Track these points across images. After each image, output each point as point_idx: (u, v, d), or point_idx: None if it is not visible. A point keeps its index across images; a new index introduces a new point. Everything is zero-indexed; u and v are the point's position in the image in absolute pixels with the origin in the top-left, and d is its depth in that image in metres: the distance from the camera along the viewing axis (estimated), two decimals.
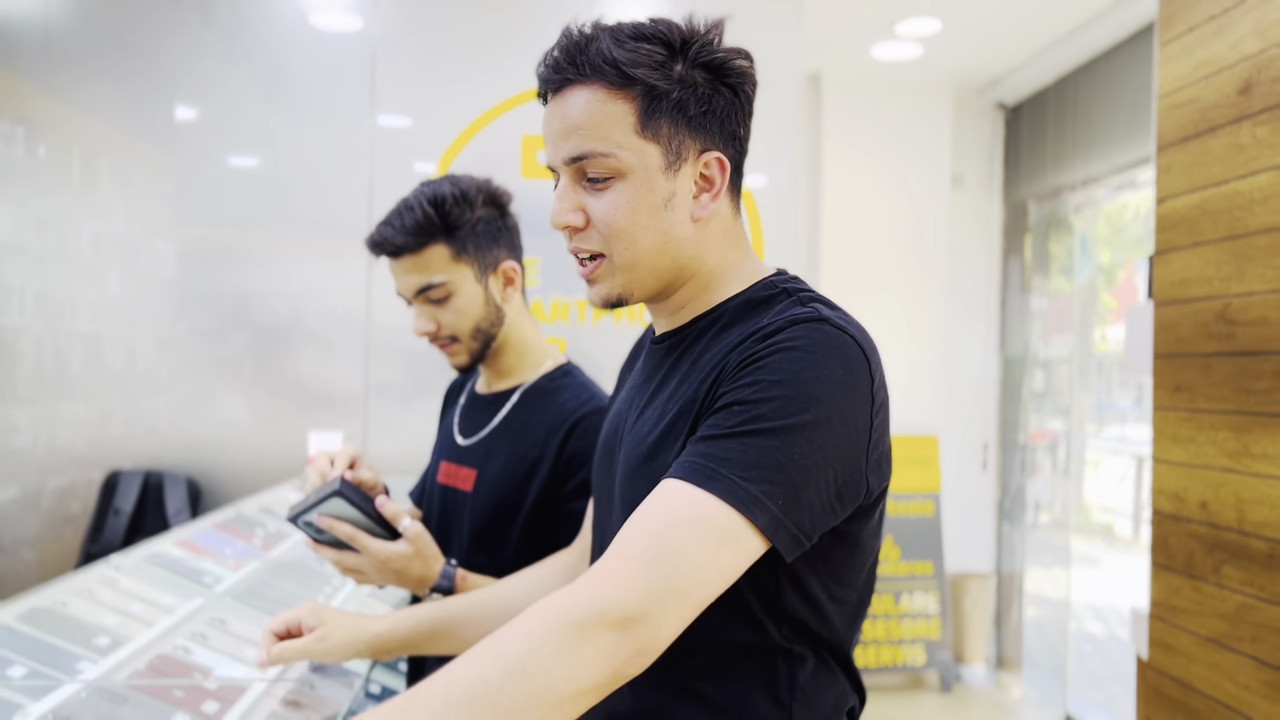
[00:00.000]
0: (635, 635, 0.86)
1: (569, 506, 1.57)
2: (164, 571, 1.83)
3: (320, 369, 3.40)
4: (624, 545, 0.89)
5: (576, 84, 1.05)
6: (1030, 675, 5.20)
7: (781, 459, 0.91)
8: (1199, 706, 2.05)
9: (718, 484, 0.90)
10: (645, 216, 1.04)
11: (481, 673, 0.82)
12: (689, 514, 0.89)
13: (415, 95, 3.40)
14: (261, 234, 3.42)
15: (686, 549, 0.88)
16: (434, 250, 1.60)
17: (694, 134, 1.05)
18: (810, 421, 0.92)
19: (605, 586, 0.86)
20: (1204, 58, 2.04)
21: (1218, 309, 2.00)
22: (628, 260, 1.06)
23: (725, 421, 0.94)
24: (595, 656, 0.84)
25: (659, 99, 1.03)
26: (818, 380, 0.93)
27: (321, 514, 1.41)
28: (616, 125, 1.03)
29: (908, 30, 4.52)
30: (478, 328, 1.65)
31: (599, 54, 1.03)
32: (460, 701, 0.81)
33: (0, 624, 1.40)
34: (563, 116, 1.05)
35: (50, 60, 3.29)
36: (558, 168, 1.08)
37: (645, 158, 1.04)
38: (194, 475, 3.29)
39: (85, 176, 3.36)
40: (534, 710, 0.82)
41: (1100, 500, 5.18)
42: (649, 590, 0.86)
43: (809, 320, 0.98)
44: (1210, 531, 2.02)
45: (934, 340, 5.28)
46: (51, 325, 3.31)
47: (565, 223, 1.07)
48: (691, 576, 0.88)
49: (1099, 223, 4.98)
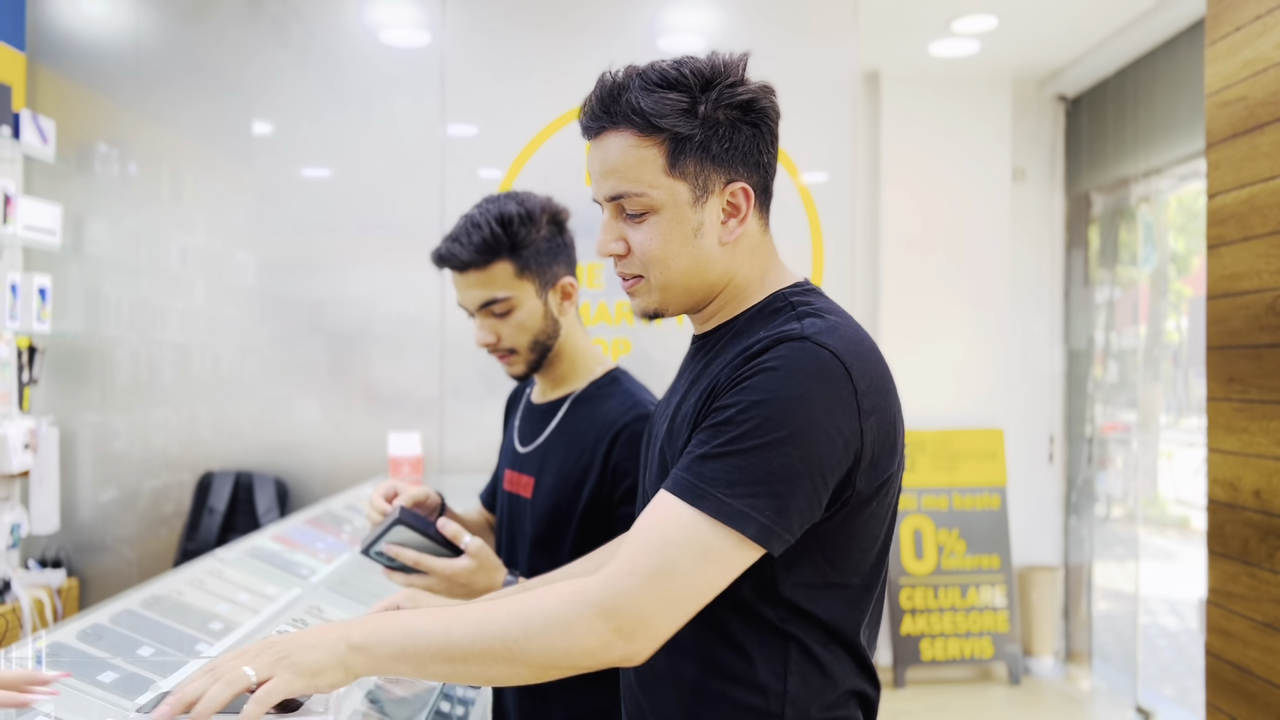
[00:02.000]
0: (633, 636, 1.04)
1: (620, 512, 1.66)
2: (263, 564, 1.98)
3: (395, 372, 3.55)
4: (630, 556, 1.06)
5: (611, 130, 1.18)
6: (1100, 668, 5.19)
7: (763, 474, 1.05)
8: (1255, 689, 2.09)
9: (707, 503, 1.05)
10: (677, 245, 1.18)
11: (505, 623, 1.05)
12: (681, 534, 1.05)
13: (483, 106, 3.54)
14: (336, 242, 3.57)
15: (678, 565, 1.04)
16: (499, 267, 1.69)
17: (718, 169, 1.17)
18: (787, 436, 1.05)
19: (610, 591, 1.04)
20: (1250, 56, 2.08)
21: (1268, 301, 2.04)
22: (663, 282, 1.20)
23: (712, 440, 1.08)
24: (593, 644, 1.03)
25: (684, 142, 1.15)
26: (793, 398, 1.06)
27: (388, 543, 1.52)
28: (647, 168, 1.16)
29: (964, 27, 4.55)
30: (536, 340, 1.75)
31: (628, 104, 1.16)
32: (485, 635, 1.05)
33: (127, 609, 1.55)
34: (601, 159, 1.19)
35: (140, 84, 3.48)
36: (601, 203, 1.22)
37: (675, 194, 1.17)
38: (280, 475, 3.46)
39: (172, 192, 3.55)
40: (534, 665, 1.05)
41: (1175, 493, 5.13)
42: (645, 600, 1.03)
43: (791, 339, 1.10)
44: (1264, 519, 2.06)
45: (998, 334, 5.29)
46: (144, 335, 3.50)
47: (609, 252, 1.22)
48: (683, 590, 1.05)
49: (1171, 210, 4.94)
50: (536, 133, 3.49)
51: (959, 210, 5.24)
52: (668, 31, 3.55)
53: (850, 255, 3.55)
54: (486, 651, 1.04)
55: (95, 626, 1.46)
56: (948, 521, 5.14)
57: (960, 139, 5.24)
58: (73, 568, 3.43)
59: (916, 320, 5.21)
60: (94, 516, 3.48)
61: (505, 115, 3.52)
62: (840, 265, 3.52)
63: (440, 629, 1.05)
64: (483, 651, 1.04)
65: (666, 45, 3.54)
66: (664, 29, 3.55)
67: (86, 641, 1.40)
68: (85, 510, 3.48)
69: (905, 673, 5.05)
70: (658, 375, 3.13)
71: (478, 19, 3.54)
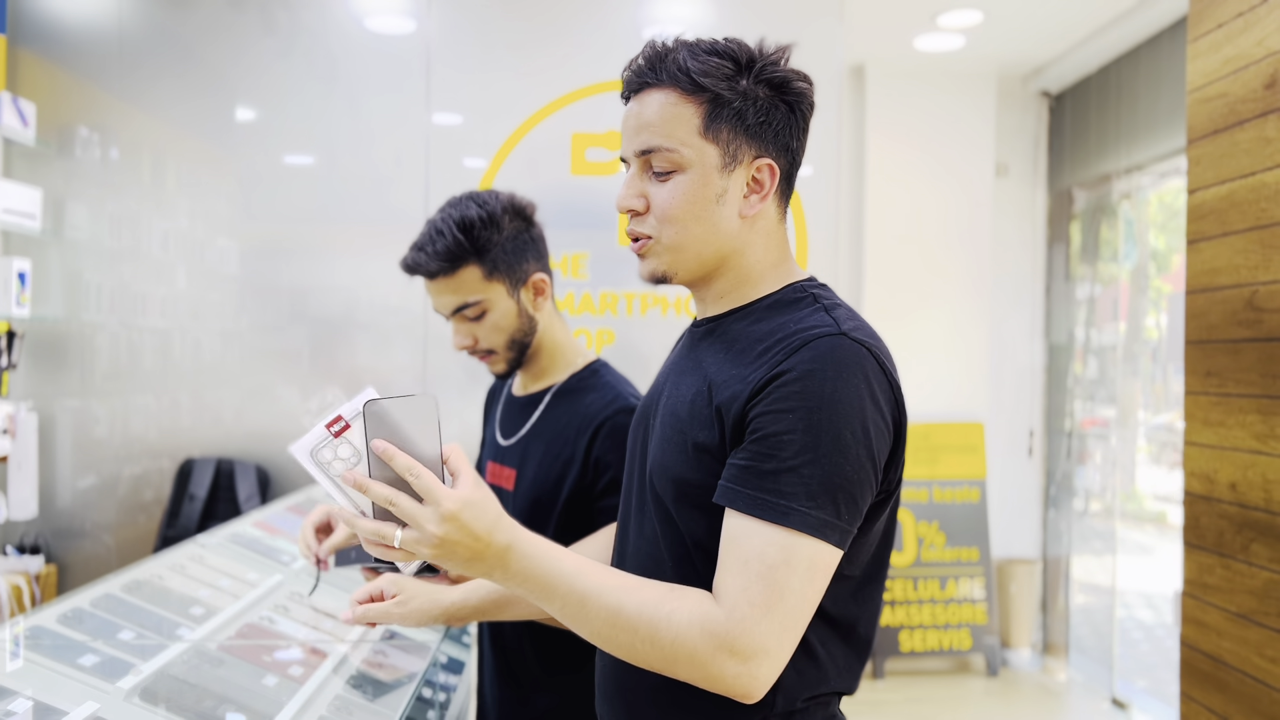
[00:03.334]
0: (759, 669, 1.05)
1: (601, 504, 1.67)
2: (245, 550, 1.97)
3: (378, 361, 3.54)
4: (743, 588, 1.06)
5: (654, 87, 1.20)
6: (1076, 660, 5.24)
7: (838, 480, 1.06)
8: (1228, 679, 2.12)
9: (792, 519, 1.05)
10: (698, 207, 1.19)
11: (637, 626, 1.07)
12: (783, 555, 1.06)
13: (468, 95, 3.52)
14: (320, 230, 3.56)
15: (790, 586, 1.05)
16: (466, 272, 1.70)
17: (750, 141, 1.19)
18: (850, 439, 1.07)
19: (737, 627, 1.05)
20: (1231, 54, 2.10)
21: (1246, 296, 2.06)
22: (675, 243, 1.20)
23: (778, 451, 1.07)
24: (718, 675, 1.05)
25: (722, 106, 1.17)
26: (847, 398, 1.07)
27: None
28: (682, 125, 1.18)
29: (950, 22, 4.57)
30: (512, 339, 1.75)
31: (675, 63, 1.18)
32: (615, 628, 1.07)
33: (107, 594, 1.55)
34: (638, 114, 1.20)
35: (123, 68, 3.46)
36: (629, 159, 1.22)
37: (704, 156, 1.18)
38: (262, 463, 3.45)
39: (154, 177, 3.53)
40: (656, 666, 1.07)
41: (1152, 488, 5.18)
42: (769, 632, 1.05)
43: (828, 335, 1.11)
44: (1239, 511, 2.09)
45: (979, 328, 5.32)
46: (125, 321, 3.48)
47: (628, 206, 1.22)
48: (799, 609, 1.07)
49: (1152, 207, 4.97)
50: (521, 122, 3.48)
51: (943, 205, 5.27)
52: (654, 23, 3.55)
53: (834, 248, 3.56)
54: (612, 639, 1.08)
55: (75, 610, 1.46)
56: (928, 514, 5.18)
57: (945, 134, 5.26)
58: (51, 554, 3.42)
59: (899, 314, 5.24)
60: (73, 503, 3.47)
61: (490, 104, 3.51)
62: (824, 258, 3.53)
63: (576, 598, 1.08)
64: (608, 638, 1.08)
65: (653, 35, 3.53)
66: (650, 20, 3.55)
67: (66, 625, 1.40)
68: (64, 496, 3.46)
69: (884, 663, 5.09)
70: (642, 366, 3.13)
71: (463, 7, 3.53)
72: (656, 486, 1.21)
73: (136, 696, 1.18)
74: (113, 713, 1.14)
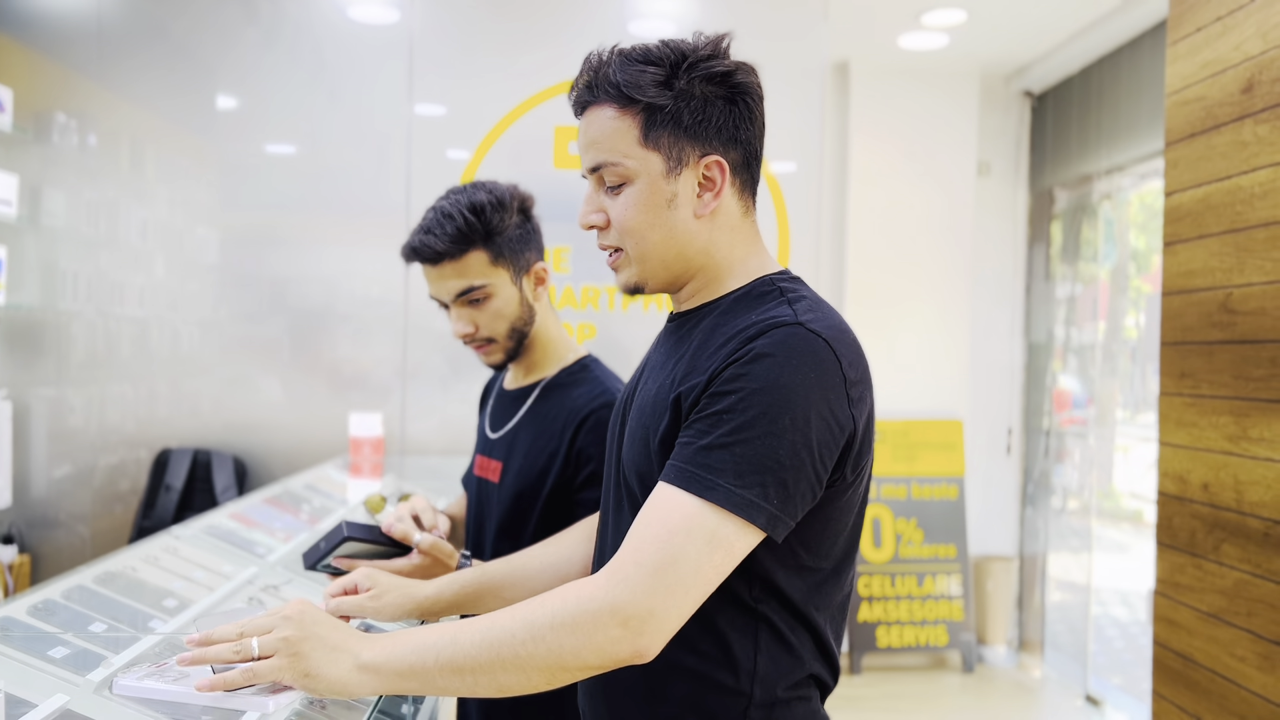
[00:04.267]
0: (642, 630, 1.03)
1: (580, 496, 1.67)
2: (220, 542, 1.96)
3: (358, 352, 3.52)
4: (633, 550, 1.06)
5: (593, 105, 1.23)
6: (1051, 657, 5.28)
7: (770, 462, 1.06)
8: (1199, 678, 2.14)
9: (716, 493, 1.05)
10: (650, 215, 1.21)
11: (513, 629, 1.05)
12: (685, 522, 1.05)
13: (451, 86, 3.51)
14: (300, 220, 3.54)
15: (685, 553, 1.04)
16: (473, 256, 1.70)
17: (692, 141, 1.20)
18: (789, 424, 1.06)
19: (619, 588, 1.04)
20: (1210, 57, 2.11)
21: (1220, 299, 2.08)
22: (639, 253, 1.23)
23: (715, 429, 1.08)
24: (603, 643, 1.03)
25: (655, 113, 1.19)
26: (793, 386, 1.07)
27: (337, 557, 1.51)
28: (622, 139, 1.20)
29: (934, 20, 4.58)
30: (513, 328, 1.75)
31: (606, 79, 1.21)
32: (492, 644, 1.05)
33: (80, 585, 1.54)
34: (585, 133, 1.24)
35: (101, 54, 3.43)
36: (587, 177, 1.25)
37: (649, 165, 1.20)
38: (239, 454, 3.43)
39: (133, 165, 3.50)
40: (545, 669, 1.04)
41: (1130, 487, 5.22)
42: (654, 591, 1.03)
43: (785, 324, 1.11)
44: (1211, 512, 2.11)
45: (959, 326, 5.35)
46: (102, 309, 3.46)
47: (589, 223, 1.25)
48: (690, 577, 1.05)
49: (1132, 208, 5.01)
50: (505, 114, 3.47)
51: (925, 203, 5.29)
52: (639, 16, 3.54)
53: (816, 245, 3.57)
54: (495, 660, 1.04)
55: (47, 602, 1.45)
56: (906, 511, 5.20)
57: (927, 132, 5.28)
58: (25, 544, 3.39)
59: (879, 310, 5.25)
60: (47, 492, 3.44)
61: (474, 96, 3.50)
62: (806, 254, 3.54)
63: (447, 640, 1.06)
64: (491, 660, 1.04)
65: (638, 30, 3.53)
66: (635, 14, 3.54)
67: (37, 616, 1.39)
68: (38, 486, 3.43)
69: (861, 659, 5.11)
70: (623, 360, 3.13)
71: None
72: (628, 481, 1.22)
73: (107, 690, 1.18)
74: (82, 706, 1.13)
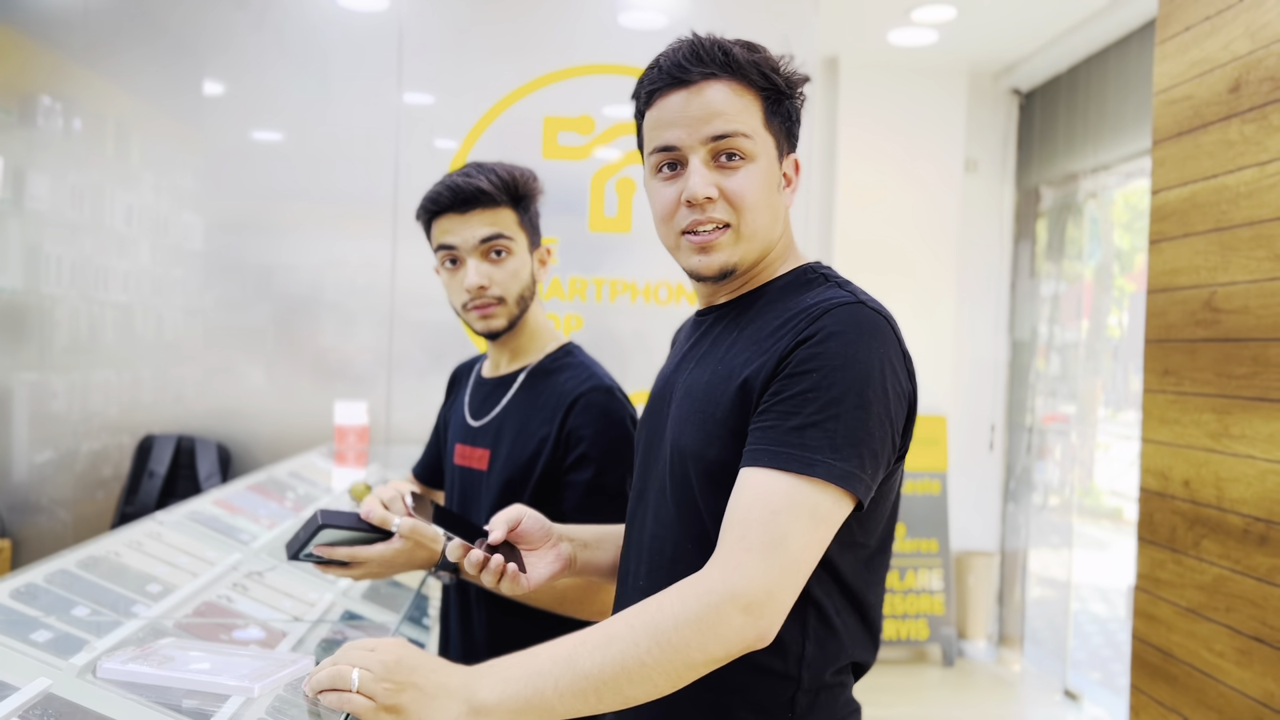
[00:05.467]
0: (763, 613, 1.04)
1: (567, 478, 1.68)
2: (204, 528, 1.96)
3: (343, 340, 3.52)
4: (739, 536, 1.06)
5: (715, 78, 1.20)
6: (1031, 652, 5.31)
7: (861, 434, 1.08)
8: (1177, 673, 2.16)
9: (818, 469, 1.07)
10: (767, 195, 1.22)
11: (634, 638, 1.02)
12: (787, 501, 1.06)
13: (441, 75, 3.50)
14: (287, 207, 3.53)
15: (792, 532, 1.05)
16: (504, 212, 1.73)
17: (788, 137, 1.26)
18: (872, 397, 1.09)
19: (734, 576, 1.04)
20: (1198, 56, 2.13)
21: (1204, 297, 2.10)
22: (750, 230, 1.22)
23: (801, 409, 1.09)
24: (727, 634, 1.03)
25: (776, 100, 1.23)
26: (869, 360, 1.10)
27: (317, 545, 1.50)
28: (751, 115, 1.21)
29: (924, 17, 4.59)
30: (521, 295, 1.76)
31: (734, 57, 1.20)
32: (615, 659, 1.02)
33: (62, 569, 1.53)
34: (704, 104, 1.20)
35: (88, 37, 3.40)
36: (690, 148, 1.20)
37: (768, 146, 1.22)
38: (223, 441, 3.42)
39: (119, 150, 3.48)
40: (671, 672, 1.03)
41: (1110, 484, 5.25)
42: (769, 574, 1.04)
43: (846, 304, 1.14)
44: (1192, 508, 2.12)
45: (944, 322, 5.37)
46: (86, 294, 3.44)
47: (707, 195, 1.20)
48: (799, 554, 1.06)
49: (1117, 206, 5.03)
50: (494, 103, 3.46)
51: (912, 198, 5.30)
52: (630, 8, 3.54)
53: (803, 238, 3.58)
54: (620, 674, 1.01)
55: (29, 585, 1.44)
56: None
57: (916, 128, 5.29)
58: (6, 529, 3.37)
59: None
60: (29, 477, 3.42)
61: (462, 85, 3.49)
62: None
63: (563, 666, 1.01)
64: (616, 675, 1.01)
65: (628, 21, 3.52)
66: (626, 5, 3.54)
67: (20, 600, 1.38)
68: (20, 471, 3.41)
69: None
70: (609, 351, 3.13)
71: None
72: (677, 469, 1.22)
73: (90, 673, 1.17)
74: (65, 689, 1.13)
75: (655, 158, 1.24)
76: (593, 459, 1.67)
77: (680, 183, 1.22)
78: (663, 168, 1.24)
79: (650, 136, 1.25)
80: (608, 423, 1.69)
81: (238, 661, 1.20)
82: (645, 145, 1.28)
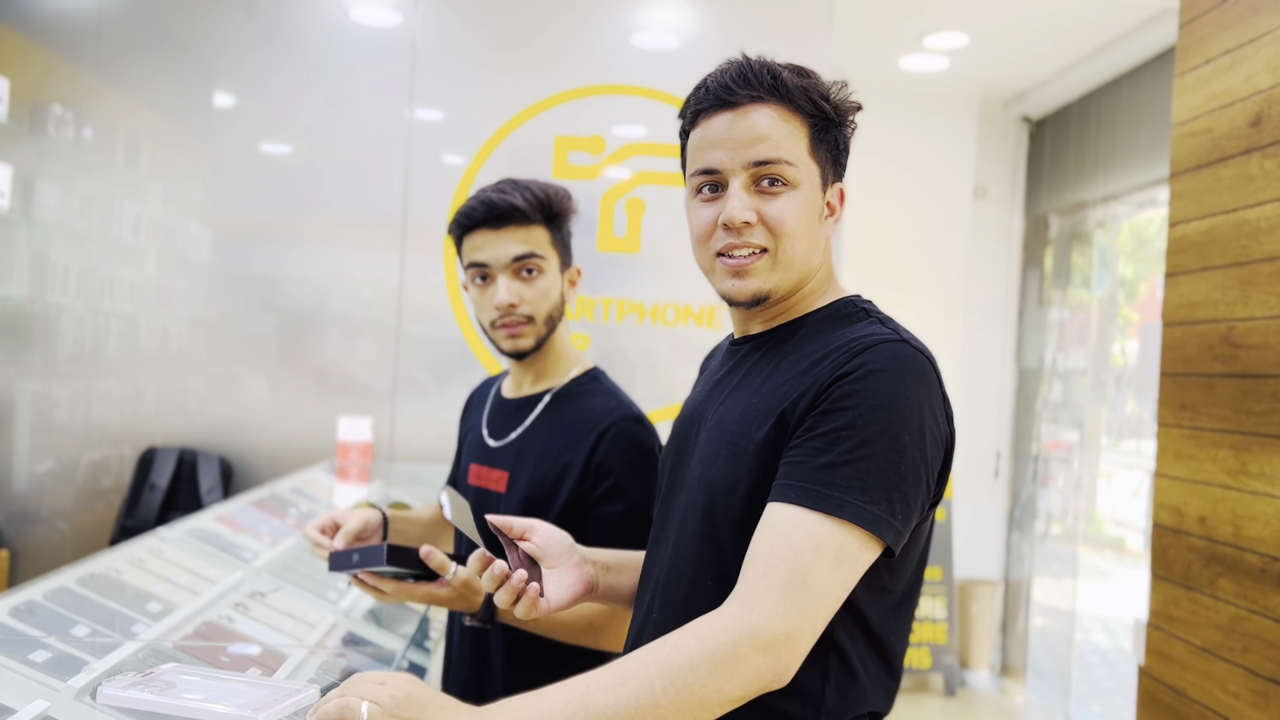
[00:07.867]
0: (780, 654, 1.01)
1: (597, 511, 1.64)
2: (206, 545, 1.93)
3: (348, 355, 3.49)
4: (761, 574, 1.04)
5: (761, 102, 1.19)
6: (1034, 683, 5.26)
7: (894, 478, 1.06)
8: (1191, 713, 2.12)
9: (846, 510, 1.04)
10: (807, 223, 1.20)
11: (649, 678, 1.00)
12: (811, 540, 1.03)
13: (452, 91, 3.49)
14: (294, 221, 3.51)
15: (815, 572, 1.03)
16: (538, 230, 1.71)
17: (833, 166, 1.24)
18: (908, 440, 1.06)
19: (752, 614, 1.01)
20: (1218, 89, 2.11)
21: (1222, 332, 2.07)
22: (788, 258, 1.20)
23: (834, 446, 1.06)
24: (745, 673, 1.00)
25: (823, 129, 1.21)
26: (909, 401, 1.07)
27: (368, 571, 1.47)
28: (795, 142, 1.19)
29: (935, 43, 4.59)
30: (550, 315, 1.74)
31: (782, 82, 1.18)
32: (629, 700, 1.00)
33: (62, 586, 1.50)
34: (749, 127, 1.18)
35: (100, 47, 3.40)
36: (731, 171, 1.19)
37: (811, 174, 1.20)
38: (225, 454, 3.39)
39: (128, 159, 3.47)
40: (686, 711, 1.00)
41: (1113, 514, 5.22)
42: (789, 614, 1.02)
43: (889, 341, 1.11)
44: (1207, 545, 2.10)
45: (951, 349, 5.34)
46: (91, 304, 3.42)
47: (745, 219, 1.18)
48: (821, 595, 1.03)
49: (1123, 236, 5.02)
50: (505, 121, 3.45)
51: (920, 224, 5.29)
52: (642, 29, 3.53)
53: None
54: (635, 714, 0.99)
55: (28, 603, 1.42)
56: None
57: (925, 154, 5.29)
58: (4, 539, 3.34)
59: None
60: (29, 487, 3.39)
61: (474, 102, 3.48)
62: None
63: (577, 706, 0.99)
64: (630, 715, 0.99)
65: (641, 42, 3.52)
66: (639, 26, 3.53)
67: (19, 618, 1.36)
68: (20, 480, 3.39)
69: None
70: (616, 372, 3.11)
71: (450, 3, 3.50)
72: (703, 502, 1.19)
73: (88, 696, 1.15)
74: (63, 712, 1.11)
75: (697, 179, 1.23)
76: (625, 490, 1.63)
77: (719, 205, 1.20)
78: (703, 189, 1.22)
79: (693, 158, 1.23)
80: (639, 453, 1.66)
81: (240, 689, 1.18)
82: (688, 166, 1.25)
